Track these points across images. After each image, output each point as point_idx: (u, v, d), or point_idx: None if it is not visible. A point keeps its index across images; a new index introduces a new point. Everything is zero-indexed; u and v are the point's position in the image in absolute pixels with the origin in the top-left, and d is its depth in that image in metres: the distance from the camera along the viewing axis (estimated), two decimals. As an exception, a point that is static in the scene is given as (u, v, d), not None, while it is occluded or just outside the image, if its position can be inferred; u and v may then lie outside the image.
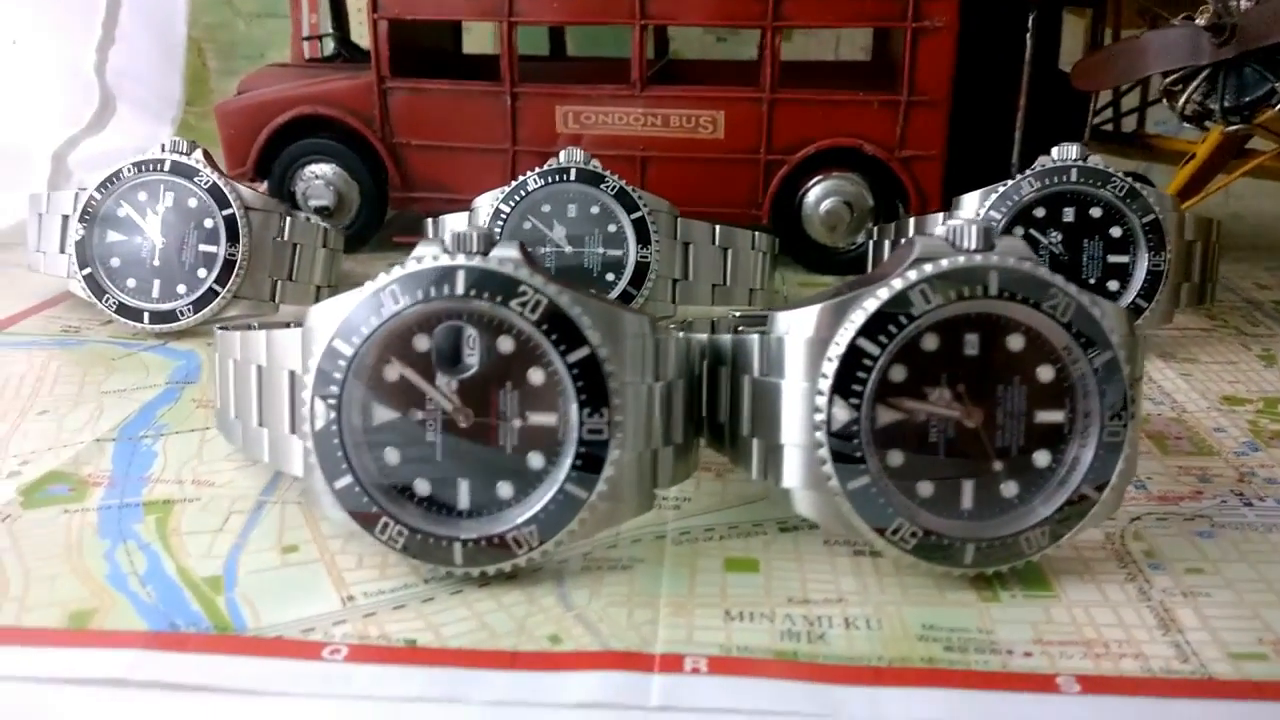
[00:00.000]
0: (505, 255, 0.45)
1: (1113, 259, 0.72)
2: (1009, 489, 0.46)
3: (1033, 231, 0.73)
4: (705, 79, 1.00)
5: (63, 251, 0.77)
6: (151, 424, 0.62)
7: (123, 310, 0.75)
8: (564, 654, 0.41)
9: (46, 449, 0.59)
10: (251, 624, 0.43)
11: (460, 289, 0.44)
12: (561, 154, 0.75)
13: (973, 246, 0.44)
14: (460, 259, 0.44)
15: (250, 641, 0.42)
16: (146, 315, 0.75)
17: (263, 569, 0.47)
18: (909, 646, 0.42)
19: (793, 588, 0.46)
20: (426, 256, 0.45)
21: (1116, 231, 0.72)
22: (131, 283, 0.76)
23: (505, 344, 0.45)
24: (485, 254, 0.45)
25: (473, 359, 0.45)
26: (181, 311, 0.75)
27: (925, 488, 0.46)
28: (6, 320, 0.79)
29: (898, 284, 0.44)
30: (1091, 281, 0.72)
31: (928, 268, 0.44)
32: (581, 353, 0.44)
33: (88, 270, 0.75)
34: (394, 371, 0.45)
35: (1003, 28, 0.90)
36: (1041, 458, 0.46)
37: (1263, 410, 0.65)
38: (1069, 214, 0.72)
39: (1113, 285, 0.73)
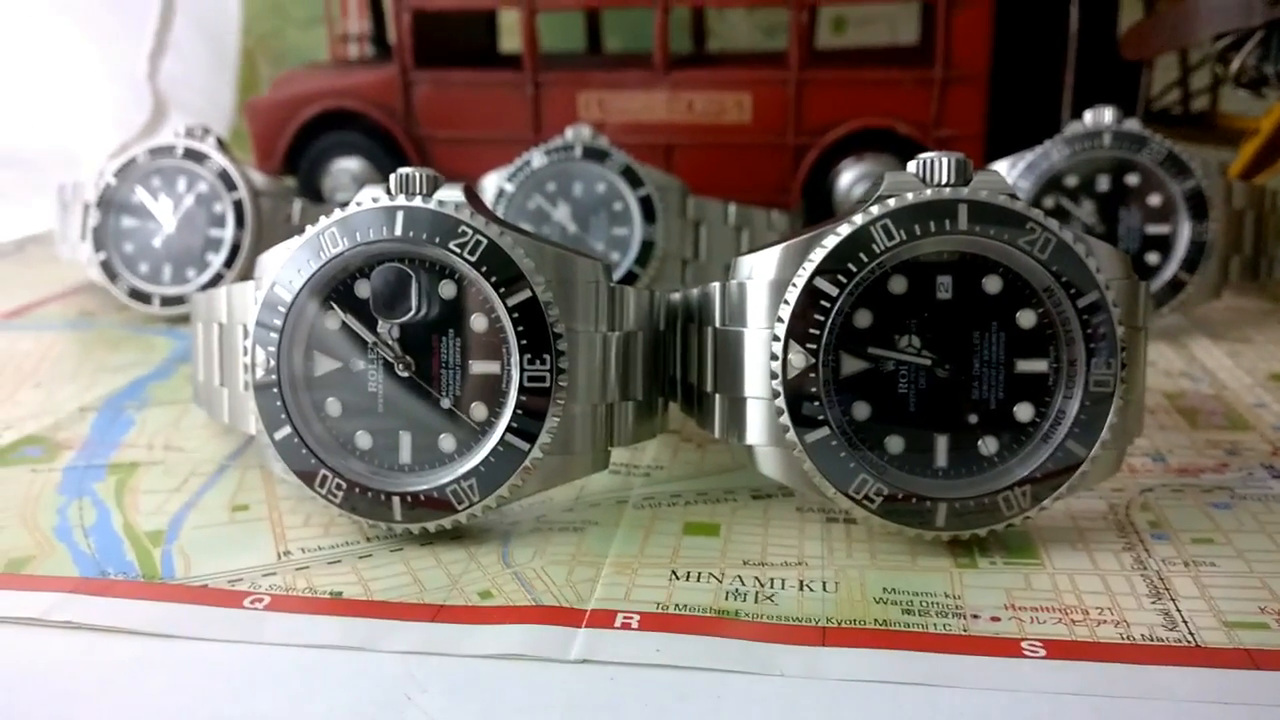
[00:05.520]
0: (447, 196, 0.43)
1: (1151, 229, 0.67)
2: (988, 445, 0.42)
3: (1064, 201, 0.68)
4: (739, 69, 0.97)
5: (84, 238, 0.78)
6: (139, 396, 0.61)
7: (134, 294, 0.75)
8: (491, 608, 0.39)
9: (31, 416, 0.58)
10: (181, 574, 0.42)
11: (399, 230, 0.42)
12: (568, 131, 0.73)
13: (945, 181, 0.41)
14: (400, 199, 0.43)
15: (174, 589, 0.41)
16: (157, 299, 0.75)
17: (207, 525, 0.46)
18: (864, 609, 0.39)
19: (751, 551, 0.43)
20: (367, 199, 0.43)
21: (1155, 200, 0.67)
22: (144, 267, 0.76)
23: (447, 289, 0.43)
24: (429, 195, 0.43)
25: (415, 305, 0.43)
26: (189, 295, 0.75)
27: (895, 443, 0.42)
28: (27, 307, 0.80)
29: (858, 219, 0.41)
30: (1129, 254, 0.68)
31: (891, 202, 0.41)
32: (522, 295, 0.42)
33: (103, 255, 0.76)
34: (334, 319, 0.44)
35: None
36: (1023, 411, 0.42)
37: (1314, 388, 0.60)
38: (1103, 182, 0.67)
39: (1152, 258, 0.67)
